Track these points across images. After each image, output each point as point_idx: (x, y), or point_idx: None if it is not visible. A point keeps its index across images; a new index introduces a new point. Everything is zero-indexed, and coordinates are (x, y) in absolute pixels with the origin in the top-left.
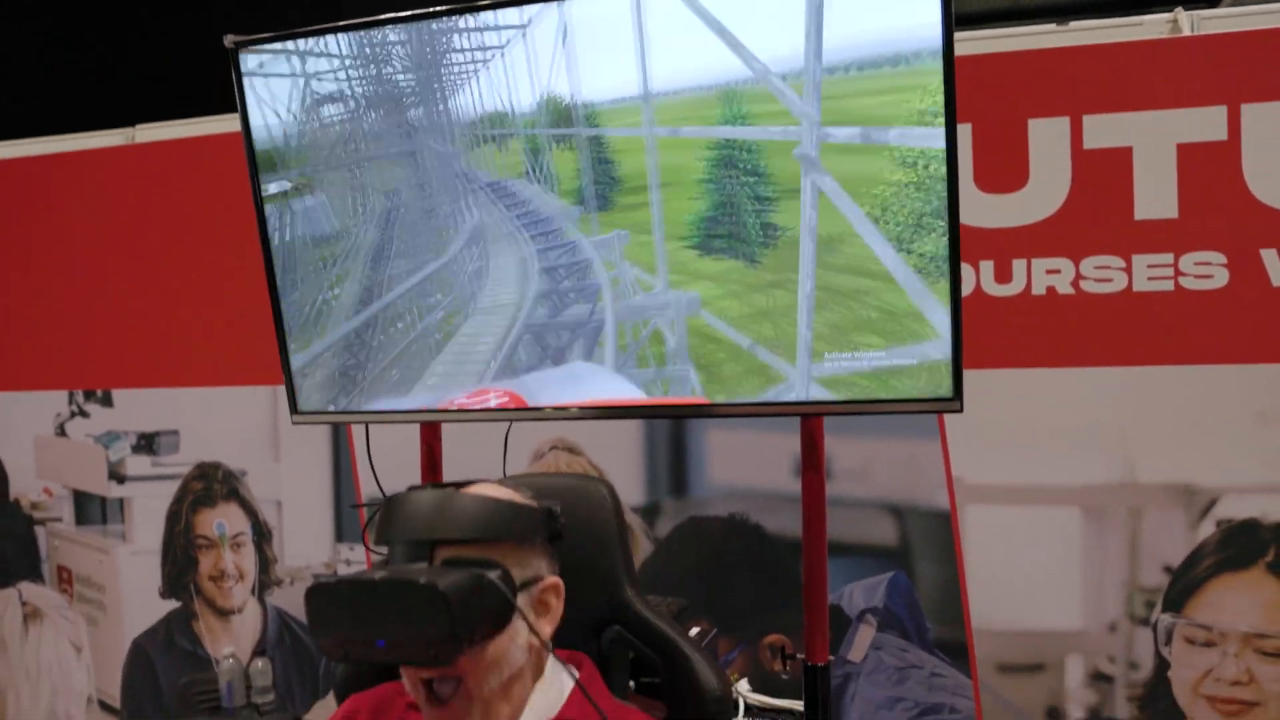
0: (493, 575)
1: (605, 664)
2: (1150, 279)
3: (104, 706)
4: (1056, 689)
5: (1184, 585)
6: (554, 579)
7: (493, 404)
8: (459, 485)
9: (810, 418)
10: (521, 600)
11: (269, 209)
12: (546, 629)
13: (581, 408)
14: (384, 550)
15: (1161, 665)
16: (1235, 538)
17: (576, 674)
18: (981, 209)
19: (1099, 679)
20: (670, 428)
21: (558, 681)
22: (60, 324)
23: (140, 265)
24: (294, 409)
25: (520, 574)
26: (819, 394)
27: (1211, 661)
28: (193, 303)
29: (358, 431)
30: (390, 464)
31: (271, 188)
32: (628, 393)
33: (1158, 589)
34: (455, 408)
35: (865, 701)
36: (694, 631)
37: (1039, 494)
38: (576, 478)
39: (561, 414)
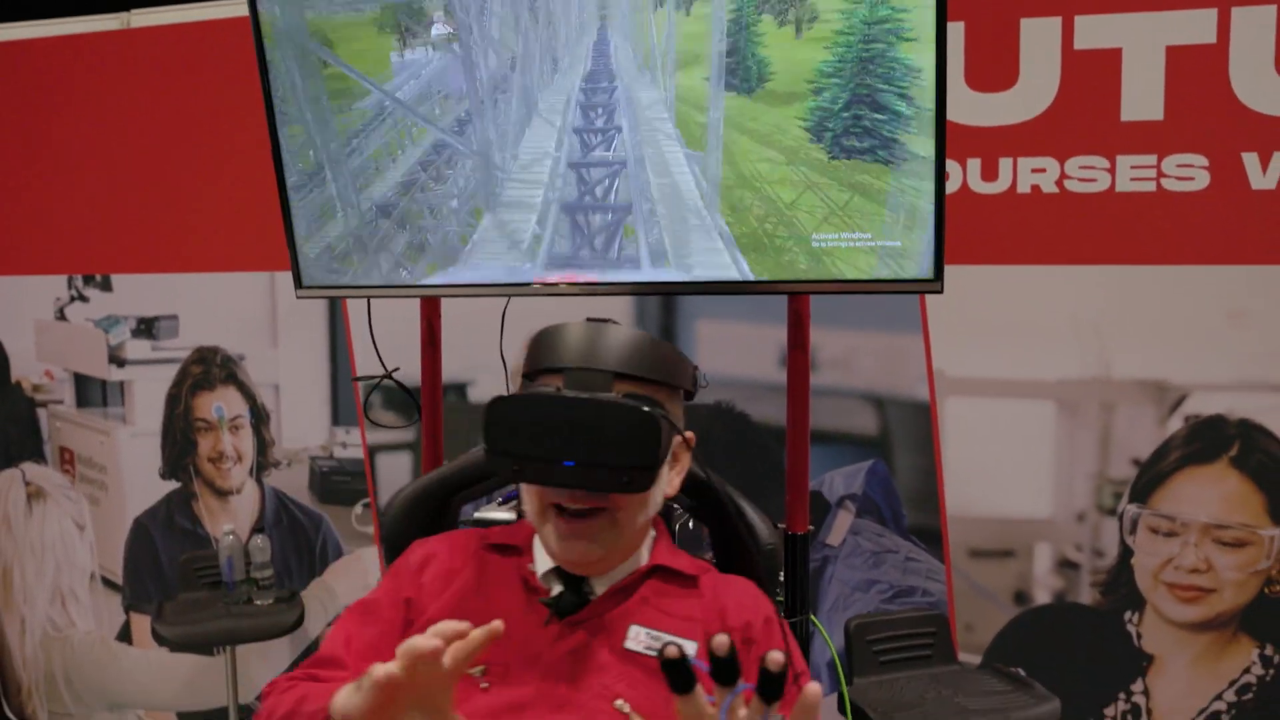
0: (665, 414)
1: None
2: (1133, 180)
3: (106, 582)
4: (1025, 574)
5: (1150, 477)
6: (690, 433)
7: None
8: (599, 321)
9: (796, 296)
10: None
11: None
12: (677, 480)
13: (570, 284)
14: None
15: (1125, 553)
16: (1202, 433)
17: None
18: (971, 107)
19: (1065, 565)
20: (660, 318)
21: (649, 530)
22: (60, 209)
23: (139, 151)
24: (298, 284)
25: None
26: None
27: (1172, 550)
28: (192, 189)
29: (356, 314)
30: (387, 346)
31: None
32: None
33: (1125, 481)
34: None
35: (842, 584)
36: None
37: (1016, 387)
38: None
39: (551, 290)
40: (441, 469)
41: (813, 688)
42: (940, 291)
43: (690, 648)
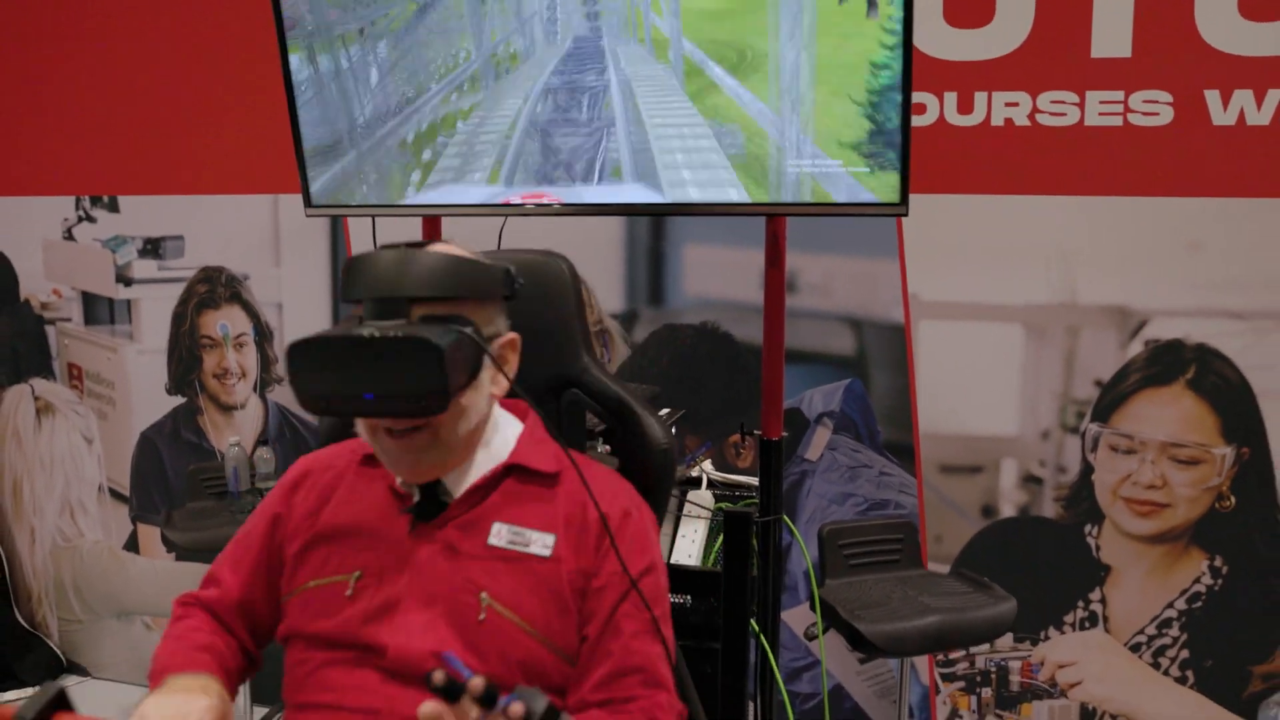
0: (469, 331)
1: (560, 423)
2: (1101, 114)
3: (114, 494)
4: (992, 489)
5: (1112, 398)
6: (512, 335)
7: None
8: (419, 245)
9: (774, 218)
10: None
11: None
12: (504, 381)
13: (563, 205)
14: None
15: (1086, 469)
16: (1160, 356)
17: (530, 414)
18: (948, 42)
19: (1030, 480)
20: (649, 242)
21: (506, 429)
22: (67, 131)
23: (147, 74)
24: (307, 203)
25: (485, 329)
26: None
27: (1131, 467)
28: (199, 112)
29: (356, 235)
30: None
31: None
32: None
33: (1088, 401)
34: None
35: (819, 496)
36: (664, 412)
37: (986, 311)
38: (538, 252)
39: (545, 210)
40: None
41: (515, 709)
42: (905, 215)
43: (545, 542)
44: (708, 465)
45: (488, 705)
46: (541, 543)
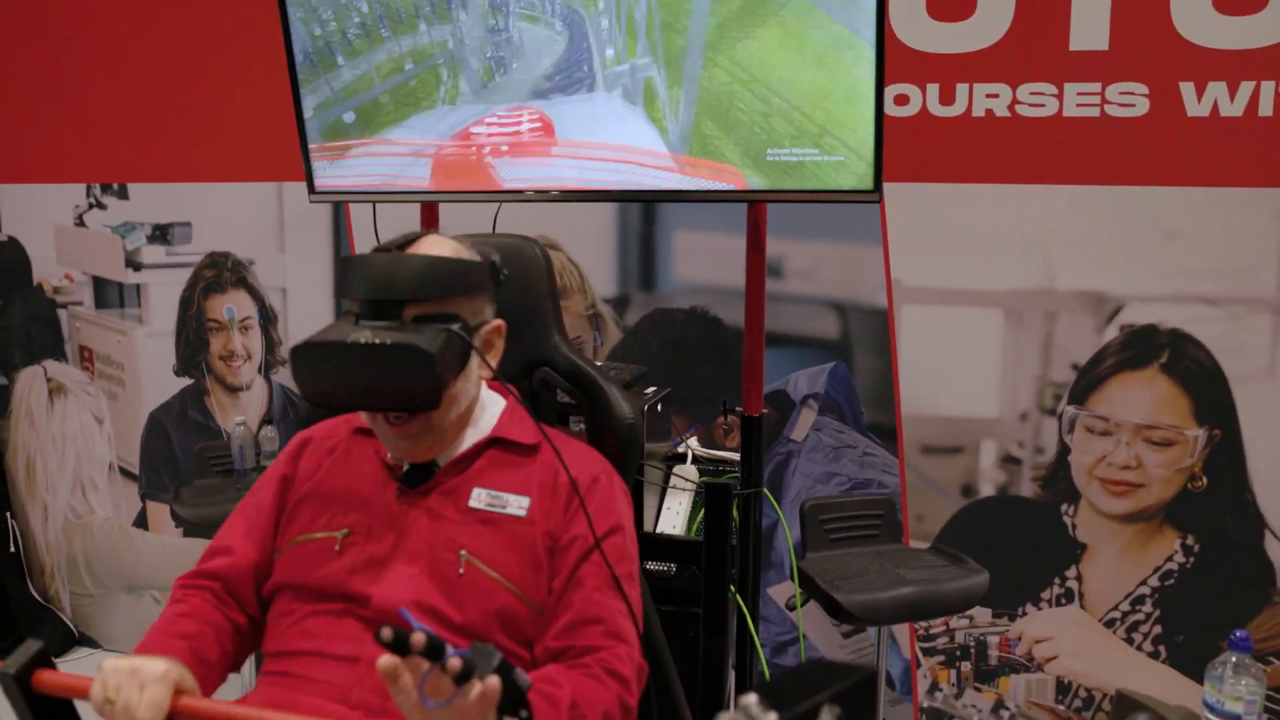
0: (457, 328)
1: (536, 399)
2: (1079, 105)
3: (124, 472)
4: (971, 469)
5: (1088, 381)
6: (498, 321)
7: (525, 125)
8: (408, 243)
9: (755, 204)
10: (474, 341)
11: None
12: (492, 363)
13: (562, 191)
14: None
15: (1063, 450)
16: (1135, 341)
17: (514, 392)
18: (930, 35)
19: (1008, 461)
20: (640, 228)
21: (491, 407)
22: (78, 120)
23: (156, 66)
24: (311, 189)
25: (472, 319)
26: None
27: (1106, 448)
28: (205, 102)
29: (358, 222)
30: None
31: None
32: (646, 136)
33: (1065, 384)
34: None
35: (804, 476)
36: (649, 390)
37: (967, 296)
38: (513, 237)
39: (543, 197)
40: None
41: (491, 682)
42: (879, 202)
43: (521, 504)
44: (694, 442)
45: (434, 658)
46: (517, 504)
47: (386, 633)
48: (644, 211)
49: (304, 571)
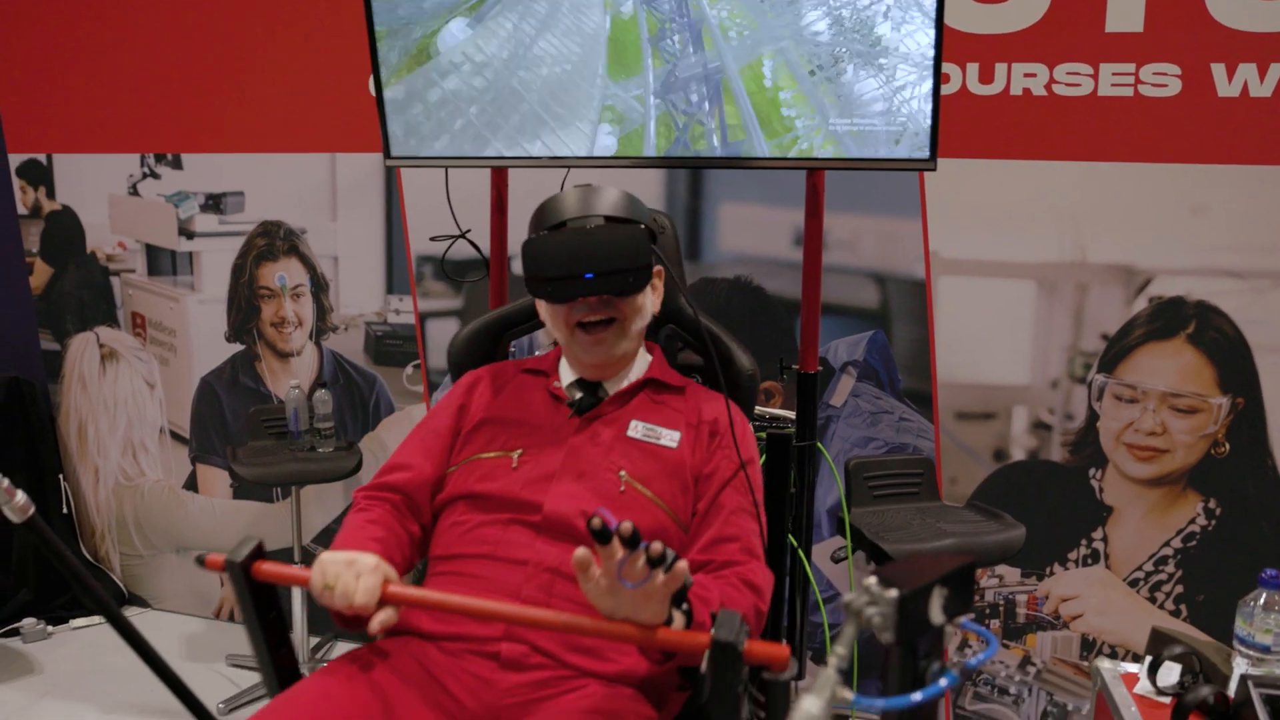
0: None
1: (665, 352)
2: (1114, 85)
3: (174, 436)
4: (1004, 434)
5: (1117, 350)
6: (660, 267)
7: None
8: (588, 193)
9: (814, 172)
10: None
11: None
12: (656, 301)
13: (638, 158)
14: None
15: (1092, 417)
16: (1163, 312)
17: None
18: (971, 16)
19: (1039, 427)
20: (687, 201)
21: (644, 357)
22: (133, 91)
23: (211, 37)
24: (387, 154)
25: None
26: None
27: (1133, 415)
28: (260, 73)
29: (410, 191)
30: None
31: None
32: None
33: (1095, 353)
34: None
35: (842, 440)
36: None
37: (1002, 268)
38: (653, 211)
39: (620, 161)
40: (497, 310)
41: (681, 565)
42: (934, 169)
43: (673, 437)
44: None
45: (632, 546)
46: (669, 437)
47: (597, 521)
48: (691, 185)
49: (481, 483)
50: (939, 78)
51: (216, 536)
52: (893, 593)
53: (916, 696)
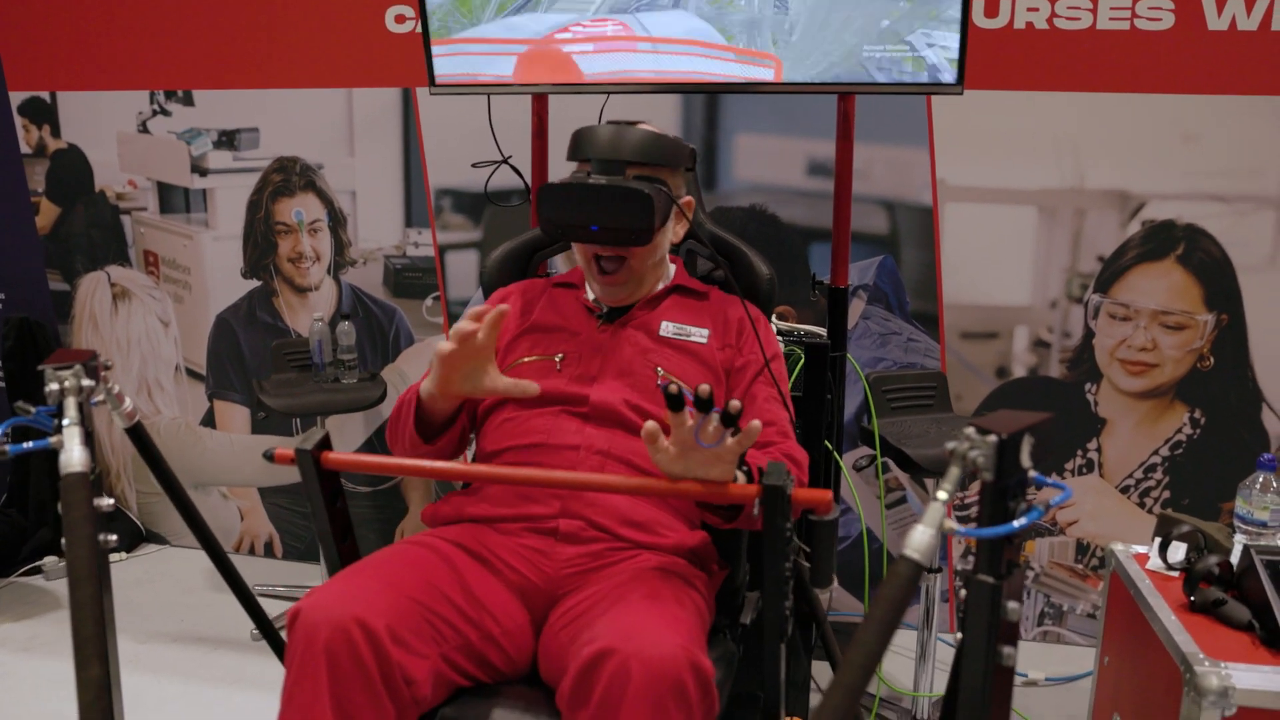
0: (664, 189)
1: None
2: (1111, 19)
3: (190, 373)
4: (1005, 352)
5: (1111, 271)
6: (689, 198)
7: (609, 31)
8: (630, 124)
9: (845, 96)
10: (675, 205)
11: None
12: (680, 230)
13: (663, 83)
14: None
15: (1088, 335)
16: (1155, 235)
17: (678, 262)
18: None
19: (1039, 345)
20: (703, 130)
21: (669, 267)
22: (142, 26)
23: None
24: (431, 82)
25: (675, 192)
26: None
27: (1126, 333)
28: (275, 7)
29: (428, 125)
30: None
31: None
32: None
33: (1091, 274)
34: (569, 37)
35: (854, 360)
36: None
37: (1004, 195)
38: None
39: (652, 88)
40: (528, 233)
41: (754, 425)
42: (961, 93)
43: (702, 334)
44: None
45: (706, 410)
46: (699, 334)
47: (674, 387)
48: (706, 114)
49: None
50: (968, 7)
51: (235, 472)
52: (992, 438)
53: (1019, 522)
